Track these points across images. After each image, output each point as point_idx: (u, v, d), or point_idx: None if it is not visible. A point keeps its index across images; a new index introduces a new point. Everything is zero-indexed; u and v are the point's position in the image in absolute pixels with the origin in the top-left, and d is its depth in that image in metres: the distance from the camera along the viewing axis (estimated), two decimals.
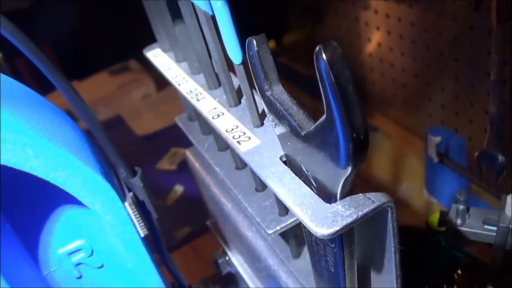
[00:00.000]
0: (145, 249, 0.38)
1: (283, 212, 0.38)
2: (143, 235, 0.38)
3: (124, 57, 1.24)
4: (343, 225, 0.27)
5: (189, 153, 0.54)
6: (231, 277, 0.59)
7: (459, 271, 0.60)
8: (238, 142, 0.34)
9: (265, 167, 0.31)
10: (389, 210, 0.29)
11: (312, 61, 0.23)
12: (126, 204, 0.36)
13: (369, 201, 0.28)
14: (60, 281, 0.40)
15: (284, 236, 0.42)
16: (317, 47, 0.23)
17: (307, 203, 0.28)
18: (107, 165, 0.39)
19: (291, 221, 0.37)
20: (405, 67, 0.86)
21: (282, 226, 0.37)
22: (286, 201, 0.29)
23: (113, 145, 0.39)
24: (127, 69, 1.30)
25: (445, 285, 0.60)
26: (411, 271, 0.39)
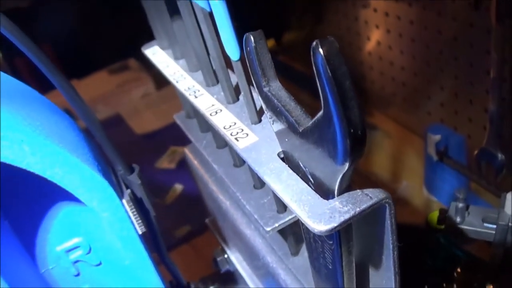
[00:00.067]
0: (143, 247, 0.38)
1: (282, 209, 0.38)
2: (141, 232, 0.38)
3: (123, 56, 1.23)
4: (340, 222, 0.27)
5: (187, 151, 0.53)
6: (230, 275, 0.58)
7: (459, 270, 0.60)
8: (236, 139, 0.34)
9: (263, 163, 0.31)
10: (387, 206, 0.28)
11: (311, 60, 0.23)
12: (123, 201, 0.36)
13: (366, 197, 0.28)
14: (58, 278, 0.40)
15: (282, 233, 0.42)
16: (314, 42, 0.23)
17: (305, 199, 0.28)
18: (105, 162, 0.39)
19: (289, 218, 0.37)
20: (404, 66, 0.85)
21: (280, 223, 0.37)
22: (283, 197, 0.29)
23: (110, 142, 0.39)
24: (126, 68, 1.30)
25: (444, 284, 0.60)
26: (411, 269, 0.39)
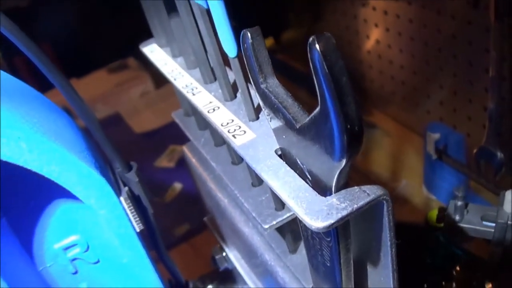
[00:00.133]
0: (140, 244, 0.38)
1: (279, 206, 0.37)
2: (138, 230, 0.38)
3: (122, 55, 1.23)
4: (338, 218, 0.27)
5: (186, 149, 0.53)
6: (229, 273, 0.58)
7: (458, 268, 0.60)
8: (233, 136, 0.34)
9: (260, 160, 0.31)
10: (384, 203, 0.28)
11: (309, 57, 0.23)
12: (121, 198, 0.36)
13: (364, 194, 0.28)
14: (55, 276, 0.40)
15: (280, 231, 0.42)
16: (311, 38, 0.23)
17: (302, 196, 0.28)
18: (102, 160, 0.39)
19: (287, 216, 0.37)
20: (403, 64, 0.85)
21: (278, 220, 0.37)
22: (280, 194, 0.29)
23: (108, 140, 0.39)
24: (125, 67, 1.30)
25: (443, 282, 0.60)
26: (410, 268, 0.39)
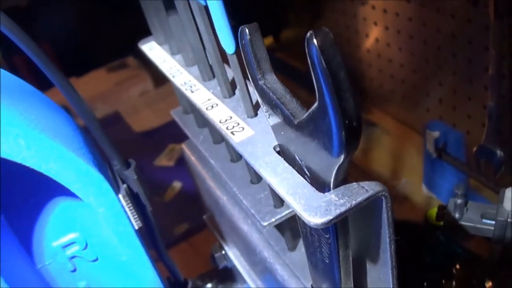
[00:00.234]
0: (139, 242, 0.38)
1: (278, 204, 0.37)
2: (137, 228, 0.38)
3: (122, 54, 1.23)
4: (336, 214, 0.27)
5: (185, 147, 0.53)
6: (228, 271, 0.58)
7: (458, 266, 0.60)
8: (231, 132, 0.34)
9: (259, 157, 0.31)
10: (383, 199, 0.28)
11: (306, 52, 0.23)
12: (120, 196, 0.36)
13: (362, 190, 0.28)
14: (54, 274, 0.40)
15: (279, 228, 0.42)
16: (308, 33, 0.23)
17: (300, 192, 0.28)
18: (101, 157, 0.39)
19: (286, 213, 0.37)
20: (403, 63, 0.85)
21: (277, 218, 0.37)
22: (279, 190, 0.29)
23: (107, 137, 0.39)
24: (125, 66, 1.30)
25: (443, 280, 0.59)
26: (410, 266, 0.39)
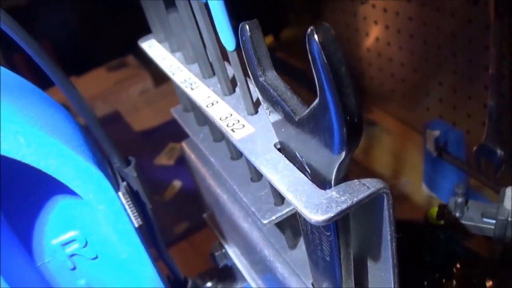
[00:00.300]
0: (139, 240, 0.38)
1: (279, 201, 0.37)
2: (137, 225, 0.38)
3: (122, 53, 1.23)
4: (337, 211, 0.26)
5: (185, 145, 0.53)
6: (228, 270, 0.58)
7: (458, 266, 0.60)
8: (232, 130, 0.34)
9: (259, 154, 0.31)
10: (385, 196, 0.28)
11: (307, 48, 0.23)
12: (119, 193, 0.36)
13: (364, 187, 0.28)
14: (54, 272, 0.40)
15: (280, 226, 0.42)
16: (309, 28, 0.23)
17: (301, 189, 0.28)
18: (101, 154, 0.39)
19: (286, 211, 0.37)
20: (403, 62, 0.85)
21: (277, 216, 0.37)
22: (280, 187, 0.29)
23: (107, 135, 0.38)
24: (124, 65, 1.30)
25: (443, 280, 0.59)
26: (410, 266, 0.39)
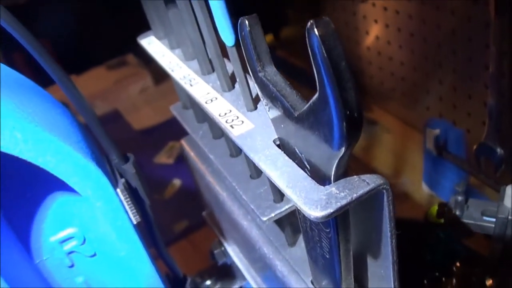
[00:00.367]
0: (138, 237, 0.38)
1: (278, 198, 0.37)
2: (135, 222, 0.37)
3: (121, 51, 1.23)
4: (337, 207, 0.26)
5: (184, 142, 0.53)
6: (227, 268, 0.58)
7: (458, 264, 0.59)
8: (231, 126, 0.33)
9: (258, 150, 0.31)
10: (384, 192, 0.28)
11: (307, 42, 0.23)
12: (118, 190, 0.36)
13: (363, 183, 0.27)
14: (52, 269, 0.39)
15: (279, 224, 0.42)
16: (309, 22, 0.22)
17: (301, 185, 0.28)
18: (99, 151, 0.39)
19: (286, 208, 0.37)
20: (403, 60, 0.85)
21: (277, 213, 0.36)
22: (279, 184, 0.29)
23: (105, 131, 0.38)
24: (124, 63, 1.30)
25: (443, 278, 0.59)
26: (410, 264, 0.39)
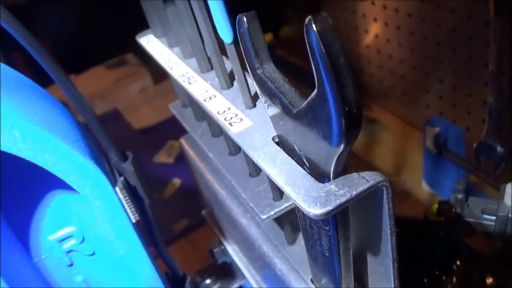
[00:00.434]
0: (136, 236, 0.38)
1: (277, 196, 0.37)
2: (134, 221, 0.37)
3: (121, 51, 1.23)
4: (336, 205, 0.26)
5: (183, 141, 0.53)
6: (227, 267, 0.58)
7: (458, 262, 0.59)
8: (229, 123, 0.33)
9: (257, 148, 0.31)
10: (384, 189, 0.28)
11: (305, 38, 0.23)
12: (116, 188, 0.36)
13: (363, 180, 0.27)
14: (51, 268, 0.39)
15: (279, 222, 0.42)
16: (307, 18, 0.22)
17: (300, 183, 0.28)
18: (98, 149, 0.39)
19: (285, 206, 0.36)
20: (403, 59, 0.85)
21: (276, 211, 0.36)
22: (278, 181, 0.28)
23: (104, 130, 0.38)
24: (124, 63, 1.30)
25: (443, 276, 0.59)
26: (410, 262, 0.39)
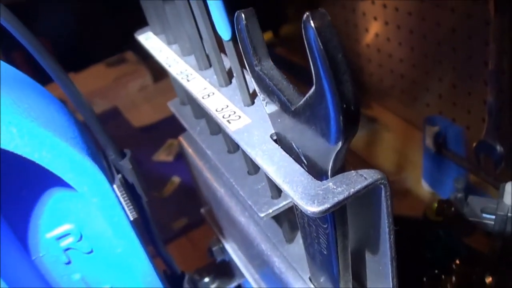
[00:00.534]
0: (134, 234, 0.38)
1: (276, 195, 0.37)
2: (132, 219, 0.37)
3: (120, 49, 1.23)
4: (334, 202, 0.26)
5: (182, 139, 0.53)
6: (225, 265, 0.58)
7: (457, 262, 0.59)
8: (228, 121, 0.33)
9: (255, 145, 0.31)
10: (382, 187, 0.28)
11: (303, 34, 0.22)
12: (114, 186, 0.36)
13: (361, 178, 0.27)
14: (48, 266, 0.39)
15: (277, 220, 0.42)
16: (305, 14, 0.22)
17: (298, 180, 0.28)
18: (96, 147, 0.39)
19: (283, 204, 0.36)
20: (402, 58, 0.85)
21: (274, 209, 0.36)
22: (276, 179, 0.28)
23: (102, 127, 0.38)
24: (123, 61, 1.30)
25: (443, 276, 0.59)
26: (409, 262, 0.38)
